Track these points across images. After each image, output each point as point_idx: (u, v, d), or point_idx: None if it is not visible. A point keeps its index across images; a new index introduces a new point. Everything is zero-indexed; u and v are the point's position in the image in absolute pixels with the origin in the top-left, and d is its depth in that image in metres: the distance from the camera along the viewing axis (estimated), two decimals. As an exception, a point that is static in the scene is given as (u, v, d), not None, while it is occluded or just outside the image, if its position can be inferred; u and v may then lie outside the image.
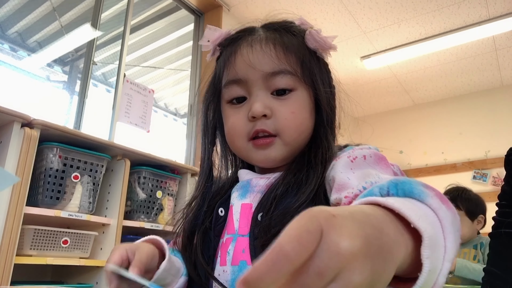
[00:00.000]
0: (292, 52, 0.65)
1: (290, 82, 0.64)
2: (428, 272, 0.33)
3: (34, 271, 1.96)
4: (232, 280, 0.59)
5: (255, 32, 0.69)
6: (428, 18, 3.44)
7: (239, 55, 0.65)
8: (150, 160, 2.16)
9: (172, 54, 3.77)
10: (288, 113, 0.63)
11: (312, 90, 0.66)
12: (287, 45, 0.65)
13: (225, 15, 3.40)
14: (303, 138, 0.65)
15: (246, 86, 0.65)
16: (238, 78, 0.65)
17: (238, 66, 0.65)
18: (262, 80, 0.63)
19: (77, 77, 2.89)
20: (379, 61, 4.03)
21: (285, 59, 0.64)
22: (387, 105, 5.01)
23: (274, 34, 0.67)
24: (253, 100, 0.63)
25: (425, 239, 0.32)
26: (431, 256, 0.33)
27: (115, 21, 3.14)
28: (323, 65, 0.71)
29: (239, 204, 0.64)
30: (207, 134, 0.74)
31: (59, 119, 2.64)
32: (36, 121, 1.67)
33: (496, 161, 4.14)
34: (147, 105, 2.81)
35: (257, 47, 0.64)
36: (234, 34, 0.71)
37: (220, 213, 0.66)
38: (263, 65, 0.63)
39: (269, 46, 0.64)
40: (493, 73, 4.25)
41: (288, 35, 0.67)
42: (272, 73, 0.63)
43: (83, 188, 1.85)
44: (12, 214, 1.53)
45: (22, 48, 3.01)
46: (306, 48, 0.68)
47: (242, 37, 0.68)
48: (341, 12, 3.40)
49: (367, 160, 0.57)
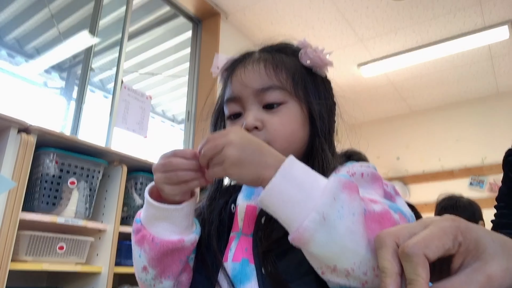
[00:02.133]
0: (282, 69, 0.70)
1: (280, 96, 0.69)
2: (271, 191, 0.48)
3: (30, 277, 1.95)
4: (233, 276, 0.61)
5: (252, 54, 0.75)
6: (424, 27, 3.47)
7: (234, 76, 0.72)
8: (147, 166, 2.15)
9: (170, 60, 3.79)
10: (278, 124, 0.67)
11: (305, 103, 0.70)
12: (277, 63, 0.71)
13: (223, 23, 3.42)
14: (295, 148, 0.68)
15: (241, 103, 0.70)
16: (233, 96, 0.71)
17: (233, 86, 0.72)
18: (254, 96, 0.69)
19: (75, 83, 2.89)
20: (376, 68, 4.05)
21: (274, 76, 0.69)
22: (384, 112, 5.03)
23: (266, 55, 0.73)
24: (246, 115, 0.69)
25: (283, 169, 0.50)
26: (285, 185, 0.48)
27: (113, 27, 3.15)
28: (320, 80, 0.75)
29: (244, 205, 0.68)
30: None
31: (56, 125, 2.64)
32: (33, 127, 1.66)
33: (493, 167, 4.15)
34: (145, 111, 2.81)
35: (248, 67, 0.71)
36: (236, 59, 0.77)
37: (232, 210, 0.69)
38: (253, 82, 0.69)
39: (259, 65, 0.70)
40: (489, 81, 4.28)
41: (281, 55, 0.73)
42: (261, 89, 0.68)
43: (80, 193, 1.85)
44: (7, 219, 1.52)
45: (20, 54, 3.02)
46: (300, 65, 0.73)
47: (240, 60, 0.75)
48: (338, 21, 3.43)
49: (364, 178, 0.61)
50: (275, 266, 0.57)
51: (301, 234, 0.46)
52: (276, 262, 0.58)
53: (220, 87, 0.81)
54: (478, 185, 4.27)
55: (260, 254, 0.59)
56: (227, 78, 0.75)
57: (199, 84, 3.34)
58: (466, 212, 2.07)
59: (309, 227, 0.46)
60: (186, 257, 0.64)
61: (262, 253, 0.59)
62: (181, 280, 0.65)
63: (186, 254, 0.64)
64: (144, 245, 0.61)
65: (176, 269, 0.63)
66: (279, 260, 0.58)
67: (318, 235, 0.46)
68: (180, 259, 0.63)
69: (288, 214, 0.48)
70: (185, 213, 0.61)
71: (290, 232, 0.48)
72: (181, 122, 3.45)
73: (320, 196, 0.47)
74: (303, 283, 0.56)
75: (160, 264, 0.61)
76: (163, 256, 0.61)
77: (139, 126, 2.74)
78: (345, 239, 0.46)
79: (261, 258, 0.59)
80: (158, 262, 0.61)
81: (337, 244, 0.46)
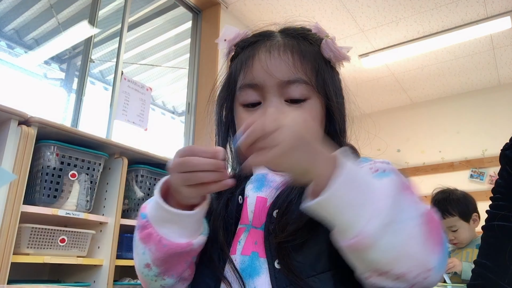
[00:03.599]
0: (309, 61, 0.66)
1: (305, 92, 0.65)
2: (332, 195, 0.44)
3: (31, 270, 1.95)
4: (241, 270, 0.59)
5: (273, 37, 0.70)
6: (426, 17, 3.44)
7: (257, 59, 0.66)
8: (147, 158, 2.15)
9: (170, 52, 3.76)
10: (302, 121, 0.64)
11: (325, 100, 0.68)
12: (304, 54, 0.66)
13: (223, 13, 3.39)
14: None
15: (261, 92, 0.66)
16: (254, 83, 0.66)
17: (255, 71, 0.66)
18: (278, 87, 0.65)
19: (75, 74, 2.88)
20: (377, 59, 4.03)
21: (301, 68, 0.65)
22: (385, 103, 5.01)
23: (292, 41, 0.68)
24: (268, 106, 0.65)
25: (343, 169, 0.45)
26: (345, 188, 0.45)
27: (113, 18, 3.12)
28: (336, 74, 0.73)
29: (254, 196, 0.65)
30: (220, 133, 0.76)
31: (56, 117, 2.63)
32: (33, 119, 1.66)
33: (493, 160, 4.15)
34: (145, 103, 2.80)
35: (275, 54, 0.66)
36: (252, 37, 0.72)
37: (239, 201, 0.66)
38: (280, 72, 0.64)
39: (287, 53, 0.66)
40: (490, 72, 4.26)
41: (305, 42, 0.69)
42: (288, 81, 0.64)
43: (81, 186, 1.85)
44: (9, 212, 1.52)
45: (19, 46, 2.99)
46: (321, 57, 0.69)
47: (260, 41, 0.69)
48: (339, 10, 3.40)
49: None
50: (289, 260, 0.55)
51: (362, 240, 0.44)
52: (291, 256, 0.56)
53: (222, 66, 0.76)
54: (479, 177, 4.27)
55: (273, 247, 0.57)
56: (247, 59, 0.68)
57: (200, 76, 3.32)
58: (459, 205, 2.07)
59: (371, 233, 0.44)
60: (192, 257, 0.63)
61: (276, 246, 0.57)
62: (184, 276, 0.64)
63: (192, 255, 0.62)
64: (149, 244, 0.58)
65: (181, 269, 0.61)
66: (294, 255, 0.56)
67: (380, 241, 0.44)
68: (186, 260, 0.61)
69: (346, 219, 0.45)
70: (197, 218, 0.59)
71: (346, 237, 0.46)
72: (182, 114, 3.44)
73: (380, 200, 0.45)
74: (318, 280, 0.54)
75: (165, 264, 0.59)
76: (169, 257, 0.58)
77: (139, 118, 2.73)
78: (406, 244, 0.45)
79: (275, 251, 0.57)
80: (164, 262, 0.59)
81: (397, 250, 0.45)
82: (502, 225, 0.88)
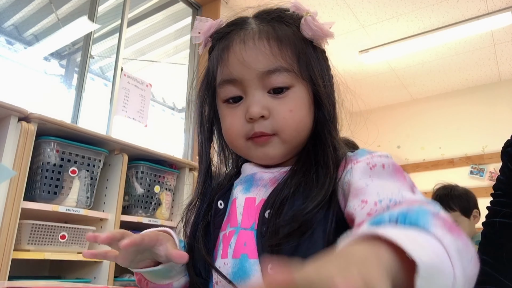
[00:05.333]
0: (287, 46, 0.62)
1: (287, 80, 0.61)
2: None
3: (32, 266, 1.96)
4: (233, 273, 0.58)
5: (247, 24, 0.65)
6: (426, 12, 3.43)
7: (232, 52, 0.62)
8: (148, 155, 2.15)
9: (170, 47, 3.75)
10: (286, 112, 0.61)
11: (311, 85, 0.64)
12: (281, 39, 0.62)
13: (223, 8, 3.38)
14: (303, 135, 0.64)
15: (241, 86, 0.62)
16: (232, 78, 0.62)
17: (231, 65, 0.62)
18: (258, 79, 0.61)
19: (74, 70, 2.87)
20: (377, 55, 4.02)
21: (280, 55, 0.61)
22: (385, 99, 5.00)
23: (267, 27, 0.63)
24: (250, 101, 0.61)
25: (420, 269, 0.33)
26: (428, 286, 0.34)
27: (112, 14, 3.11)
28: (320, 54, 0.68)
29: (243, 198, 0.63)
30: (203, 131, 0.72)
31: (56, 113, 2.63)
32: (33, 115, 1.66)
33: (493, 156, 4.15)
34: (145, 99, 2.80)
35: (249, 44, 0.61)
36: (225, 27, 0.67)
37: (219, 206, 0.65)
38: (257, 63, 0.60)
39: (262, 41, 0.61)
40: (491, 68, 4.25)
41: (282, 26, 0.64)
42: (267, 71, 0.60)
43: (81, 182, 1.85)
44: (9, 209, 1.53)
45: (19, 41, 2.98)
46: (302, 39, 0.64)
47: (234, 31, 0.64)
48: (340, 6, 3.39)
49: (386, 170, 0.56)
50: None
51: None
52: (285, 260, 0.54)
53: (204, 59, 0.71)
54: (479, 173, 4.27)
55: (266, 250, 0.56)
56: (222, 53, 0.64)
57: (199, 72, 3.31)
58: (461, 201, 2.08)
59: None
60: None
61: (269, 248, 0.55)
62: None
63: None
64: (141, 284, 0.68)
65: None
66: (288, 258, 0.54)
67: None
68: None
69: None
70: (166, 269, 0.62)
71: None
72: (182, 110, 3.44)
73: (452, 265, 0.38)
74: None
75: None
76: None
77: (139, 114, 2.72)
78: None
79: (269, 253, 0.55)
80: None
81: None
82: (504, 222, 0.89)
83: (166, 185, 2.26)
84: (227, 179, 0.70)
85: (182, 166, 2.38)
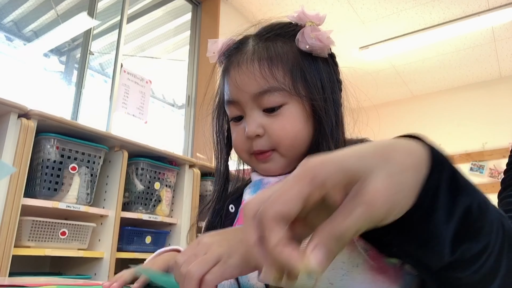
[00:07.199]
0: (278, 65, 0.64)
1: (278, 99, 0.63)
2: None
3: (32, 262, 1.96)
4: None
5: (246, 45, 0.68)
6: (427, 8, 3.42)
7: (228, 75, 0.67)
8: (148, 151, 2.15)
9: (170, 44, 3.74)
10: (280, 129, 0.63)
11: (307, 99, 0.65)
12: (272, 58, 0.64)
13: (223, 4, 3.37)
14: (302, 147, 0.65)
15: (239, 107, 0.66)
16: (231, 100, 0.67)
17: (229, 88, 0.67)
18: (252, 101, 0.64)
19: (74, 67, 2.87)
20: (377, 52, 4.01)
21: (270, 75, 0.63)
22: (385, 96, 5.00)
23: (261, 47, 0.66)
24: (247, 121, 0.65)
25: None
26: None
27: (112, 10, 3.10)
28: (322, 63, 0.68)
29: None
30: (220, 142, 0.76)
31: (56, 109, 2.63)
32: (33, 112, 1.65)
33: (494, 153, 4.15)
34: (145, 95, 2.79)
35: (243, 67, 0.65)
36: (233, 46, 0.71)
37: (230, 210, 0.68)
38: (249, 86, 0.64)
39: (253, 64, 0.64)
40: (491, 64, 4.25)
41: (278, 43, 0.66)
42: (258, 93, 0.63)
43: (81, 179, 1.85)
44: (9, 205, 1.53)
45: (18, 37, 2.98)
46: (300, 52, 0.66)
47: (234, 53, 0.69)
48: (340, 2, 3.38)
49: None
50: None
51: None
52: None
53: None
54: (479, 170, 4.27)
55: None
56: (224, 74, 0.69)
57: (199, 68, 3.31)
58: None
59: None
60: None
61: None
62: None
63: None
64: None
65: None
66: None
67: None
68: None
69: None
70: None
71: None
72: (182, 107, 3.43)
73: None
74: None
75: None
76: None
77: (139, 111, 2.72)
78: None
79: None
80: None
81: None
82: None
83: (166, 181, 2.26)
84: (242, 186, 0.74)
85: (182, 162, 2.38)
